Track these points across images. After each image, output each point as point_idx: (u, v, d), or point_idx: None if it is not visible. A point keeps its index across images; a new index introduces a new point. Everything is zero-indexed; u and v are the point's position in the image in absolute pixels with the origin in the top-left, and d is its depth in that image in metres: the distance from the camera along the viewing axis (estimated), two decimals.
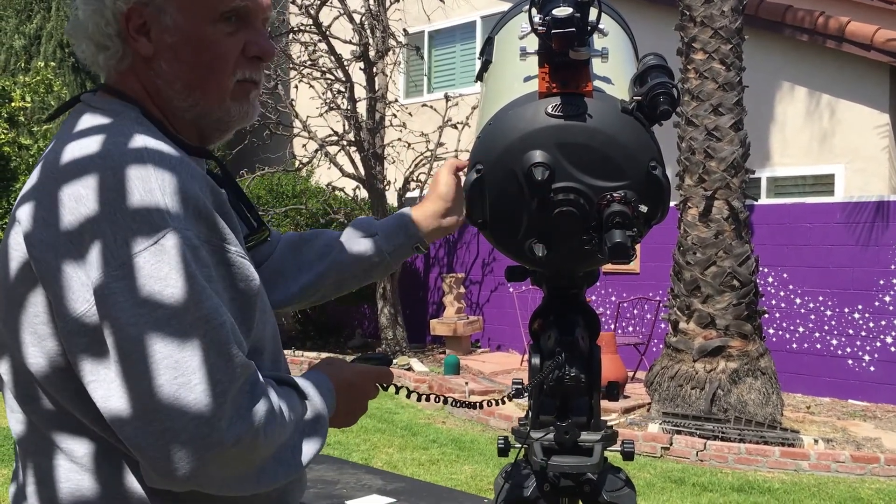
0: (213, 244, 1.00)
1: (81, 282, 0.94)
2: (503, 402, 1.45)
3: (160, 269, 0.93)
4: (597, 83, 1.32)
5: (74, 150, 1.01)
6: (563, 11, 1.19)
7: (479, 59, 1.57)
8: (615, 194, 1.26)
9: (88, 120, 1.07)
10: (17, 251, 1.01)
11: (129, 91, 1.11)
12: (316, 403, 1.10)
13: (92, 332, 0.94)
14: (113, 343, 0.92)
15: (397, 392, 1.36)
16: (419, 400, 1.43)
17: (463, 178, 1.43)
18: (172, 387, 0.91)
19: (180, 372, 0.92)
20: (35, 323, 1.00)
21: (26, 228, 0.99)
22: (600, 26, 1.25)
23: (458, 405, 1.45)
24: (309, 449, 1.05)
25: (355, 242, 1.46)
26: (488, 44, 1.55)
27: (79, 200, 0.96)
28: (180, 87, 1.11)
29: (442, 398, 1.43)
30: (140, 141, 1.01)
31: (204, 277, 0.96)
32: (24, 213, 1.01)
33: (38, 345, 1.00)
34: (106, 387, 0.94)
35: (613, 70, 1.36)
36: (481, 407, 1.42)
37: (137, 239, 0.93)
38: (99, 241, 0.94)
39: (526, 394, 1.44)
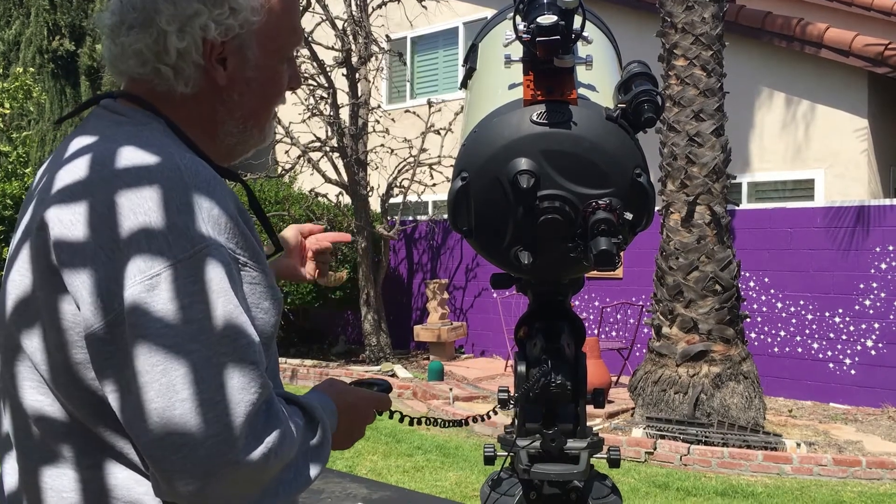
0: (241, 262, 1.01)
1: (111, 291, 0.93)
2: (489, 417, 1.44)
3: (193, 283, 0.93)
4: (581, 90, 1.32)
5: (107, 158, 1.00)
6: (547, 19, 1.19)
7: (464, 66, 1.57)
8: (600, 202, 1.26)
9: (114, 127, 1.06)
10: (41, 255, 0.99)
11: (160, 105, 1.10)
12: (323, 426, 1.09)
13: (118, 342, 0.93)
14: (138, 354, 0.92)
15: (391, 417, 1.35)
16: (411, 424, 1.42)
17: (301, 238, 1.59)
18: (194, 402, 0.91)
19: (203, 388, 0.92)
20: (54, 328, 0.99)
21: (56, 234, 0.98)
22: (584, 34, 1.26)
23: (449, 425, 1.44)
24: (313, 470, 1.05)
25: None
26: (472, 51, 1.55)
27: (113, 209, 0.95)
28: (241, 116, 1.15)
29: (433, 420, 1.43)
30: (176, 154, 1.01)
31: (234, 295, 0.97)
32: (55, 218, 0.98)
33: (55, 352, 0.99)
34: (127, 397, 0.93)
35: (598, 77, 1.37)
36: (467, 423, 1.41)
37: (172, 251, 0.93)
38: (133, 251, 0.93)
39: (512, 404, 1.44)
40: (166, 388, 0.91)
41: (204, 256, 0.94)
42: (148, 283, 0.92)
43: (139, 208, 0.95)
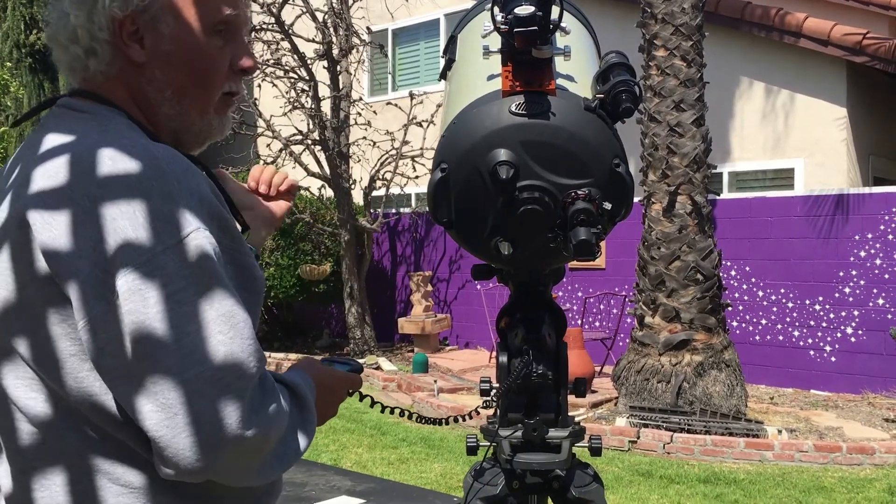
0: (223, 244, 1.02)
1: (104, 281, 0.94)
2: (471, 417, 1.44)
3: (184, 267, 0.94)
4: (560, 81, 1.32)
5: (82, 154, 0.99)
6: (525, 10, 1.19)
7: (443, 57, 1.57)
8: (579, 192, 1.26)
9: (81, 124, 1.06)
10: (24, 256, 0.98)
11: (112, 97, 1.11)
12: (307, 401, 1.12)
13: (114, 330, 0.94)
14: (137, 339, 0.93)
15: (361, 399, 1.36)
16: (383, 412, 1.44)
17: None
18: (198, 382, 0.93)
19: (205, 367, 0.93)
20: (45, 323, 0.98)
21: (41, 235, 0.97)
22: (562, 24, 1.26)
23: (424, 421, 1.46)
24: (303, 442, 1.08)
25: None
26: (451, 42, 1.55)
27: (96, 203, 0.95)
28: (171, 94, 1.12)
29: (408, 413, 1.46)
30: (148, 144, 1.01)
31: (224, 276, 0.99)
32: (38, 219, 0.97)
33: (48, 346, 0.99)
34: (129, 381, 0.94)
35: (576, 68, 1.37)
36: (447, 423, 1.42)
37: (161, 238, 0.94)
38: (122, 241, 0.94)
39: (494, 396, 1.44)
40: (168, 370, 0.93)
41: (192, 241, 0.96)
42: (140, 270, 0.93)
43: (122, 200, 0.95)
